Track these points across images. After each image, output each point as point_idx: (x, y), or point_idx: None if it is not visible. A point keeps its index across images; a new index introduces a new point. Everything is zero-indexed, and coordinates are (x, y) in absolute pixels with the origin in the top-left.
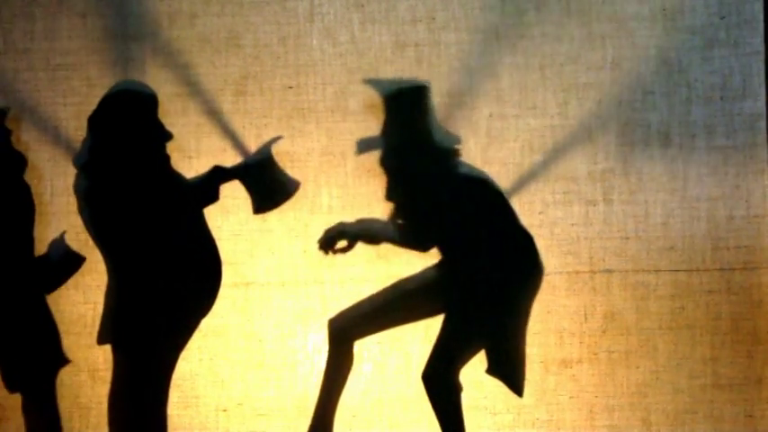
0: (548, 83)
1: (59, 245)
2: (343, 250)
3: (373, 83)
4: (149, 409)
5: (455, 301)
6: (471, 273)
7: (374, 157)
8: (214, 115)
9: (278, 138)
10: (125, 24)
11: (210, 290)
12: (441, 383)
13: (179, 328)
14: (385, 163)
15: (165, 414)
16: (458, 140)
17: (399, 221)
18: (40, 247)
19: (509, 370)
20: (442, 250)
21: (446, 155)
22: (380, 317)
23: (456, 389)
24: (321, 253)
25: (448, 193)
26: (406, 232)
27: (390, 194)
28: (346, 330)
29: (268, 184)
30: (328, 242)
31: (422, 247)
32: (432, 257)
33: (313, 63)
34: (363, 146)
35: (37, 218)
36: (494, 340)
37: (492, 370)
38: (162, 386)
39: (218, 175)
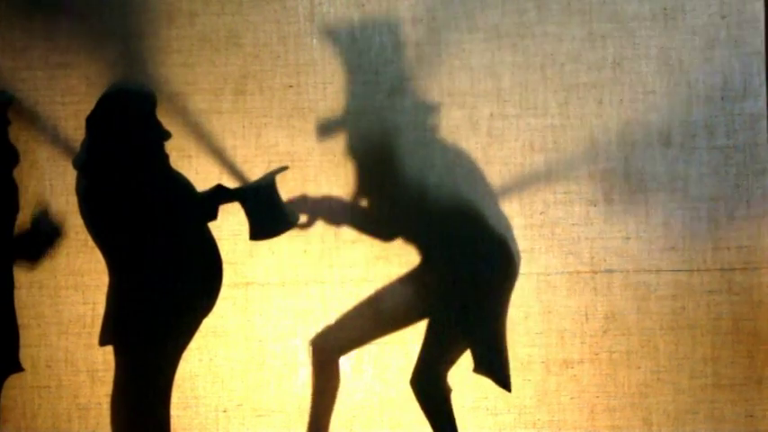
0: (548, 82)
1: (43, 217)
2: (302, 227)
3: (331, 33)
4: (151, 410)
5: (435, 305)
6: (447, 277)
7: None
8: (214, 114)
9: (284, 168)
10: (124, 23)
11: (211, 290)
12: (429, 387)
13: (180, 329)
14: (352, 150)
15: (167, 415)
16: (435, 108)
17: (363, 206)
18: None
19: (495, 366)
20: (417, 256)
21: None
22: (363, 332)
23: (445, 391)
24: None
25: (418, 200)
26: (371, 221)
27: (359, 186)
28: (330, 348)
29: (268, 213)
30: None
31: (384, 237)
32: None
33: (313, 62)
34: (326, 128)
35: None
36: (477, 339)
37: (479, 368)
38: (164, 387)
39: (220, 195)
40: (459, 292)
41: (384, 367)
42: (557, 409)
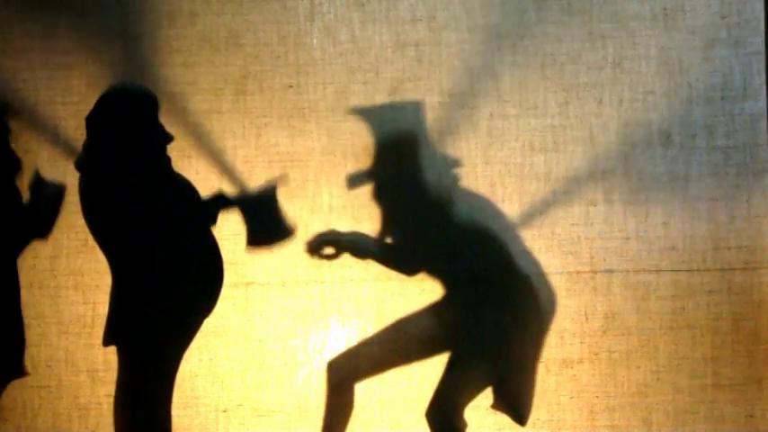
0: (548, 82)
1: (38, 182)
2: (329, 257)
3: (362, 111)
4: (154, 409)
5: (458, 341)
6: (471, 310)
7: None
8: (214, 115)
9: (284, 176)
10: (124, 23)
11: (212, 290)
12: (444, 422)
13: (182, 329)
14: (378, 199)
15: (169, 415)
16: (457, 163)
17: (388, 242)
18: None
19: (514, 403)
20: (441, 288)
21: (440, 191)
22: (382, 360)
23: (461, 427)
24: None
25: (442, 232)
26: (394, 255)
27: (385, 229)
28: (347, 375)
29: (266, 223)
30: (317, 246)
31: (408, 271)
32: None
33: (313, 62)
34: (353, 181)
35: None
36: (501, 377)
37: (497, 404)
38: (166, 387)
39: (221, 201)
40: (481, 328)
41: None
42: (556, 409)
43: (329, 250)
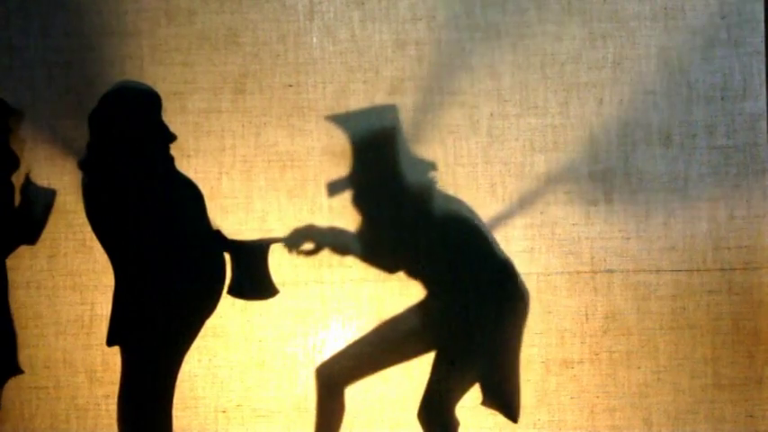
0: (549, 82)
1: (29, 187)
2: (308, 253)
3: (337, 119)
4: (157, 409)
5: (443, 338)
6: (456, 308)
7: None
8: (213, 114)
9: (281, 239)
10: (122, 21)
11: (214, 290)
12: (436, 420)
13: (185, 328)
14: (357, 204)
15: (171, 414)
16: (432, 167)
17: (367, 239)
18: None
19: (504, 399)
20: (425, 288)
21: (419, 192)
22: (370, 362)
23: (453, 425)
24: (285, 250)
25: (422, 232)
26: (374, 253)
27: (364, 232)
28: (336, 378)
29: (251, 276)
30: (295, 242)
31: (388, 269)
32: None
33: (313, 61)
34: (334, 188)
35: None
36: (486, 373)
37: (487, 401)
38: (169, 386)
39: (216, 240)
40: (465, 325)
41: None
42: (557, 409)
43: (308, 245)
